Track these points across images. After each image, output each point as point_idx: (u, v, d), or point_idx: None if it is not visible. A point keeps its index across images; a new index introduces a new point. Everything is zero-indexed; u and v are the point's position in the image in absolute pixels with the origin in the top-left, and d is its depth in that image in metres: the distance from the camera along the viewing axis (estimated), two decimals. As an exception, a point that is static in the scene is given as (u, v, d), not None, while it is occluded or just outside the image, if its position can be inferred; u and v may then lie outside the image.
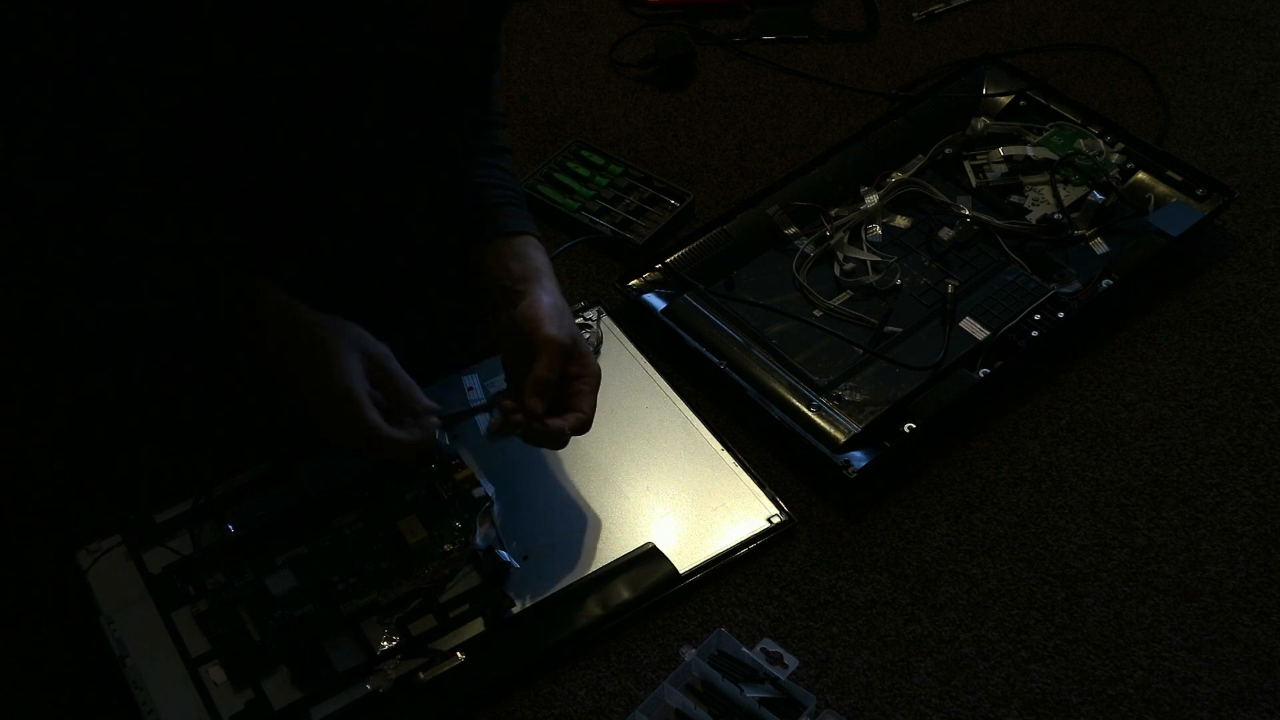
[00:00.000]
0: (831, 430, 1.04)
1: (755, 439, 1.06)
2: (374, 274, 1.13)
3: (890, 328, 1.12)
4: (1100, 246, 1.18)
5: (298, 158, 1.03)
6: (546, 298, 0.96)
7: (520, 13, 1.51)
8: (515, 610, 0.94)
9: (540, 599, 0.95)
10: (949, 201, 1.21)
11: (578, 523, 1.00)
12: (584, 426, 0.94)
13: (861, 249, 1.18)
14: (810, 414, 1.05)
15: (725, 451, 1.04)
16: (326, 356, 0.90)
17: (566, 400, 0.95)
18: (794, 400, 1.06)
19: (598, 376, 0.96)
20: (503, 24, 1.08)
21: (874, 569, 0.98)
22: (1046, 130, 1.27)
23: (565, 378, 0.95)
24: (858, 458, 1.01)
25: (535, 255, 1.01)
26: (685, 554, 0.98)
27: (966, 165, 1.25)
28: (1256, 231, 1.23)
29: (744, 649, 0.92)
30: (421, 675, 0.91)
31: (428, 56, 1.02)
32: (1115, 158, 1.24)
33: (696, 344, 1.11)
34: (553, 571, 0.97)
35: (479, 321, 1.10)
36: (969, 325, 1.11)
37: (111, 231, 0.95)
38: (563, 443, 0.96)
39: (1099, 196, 1.19)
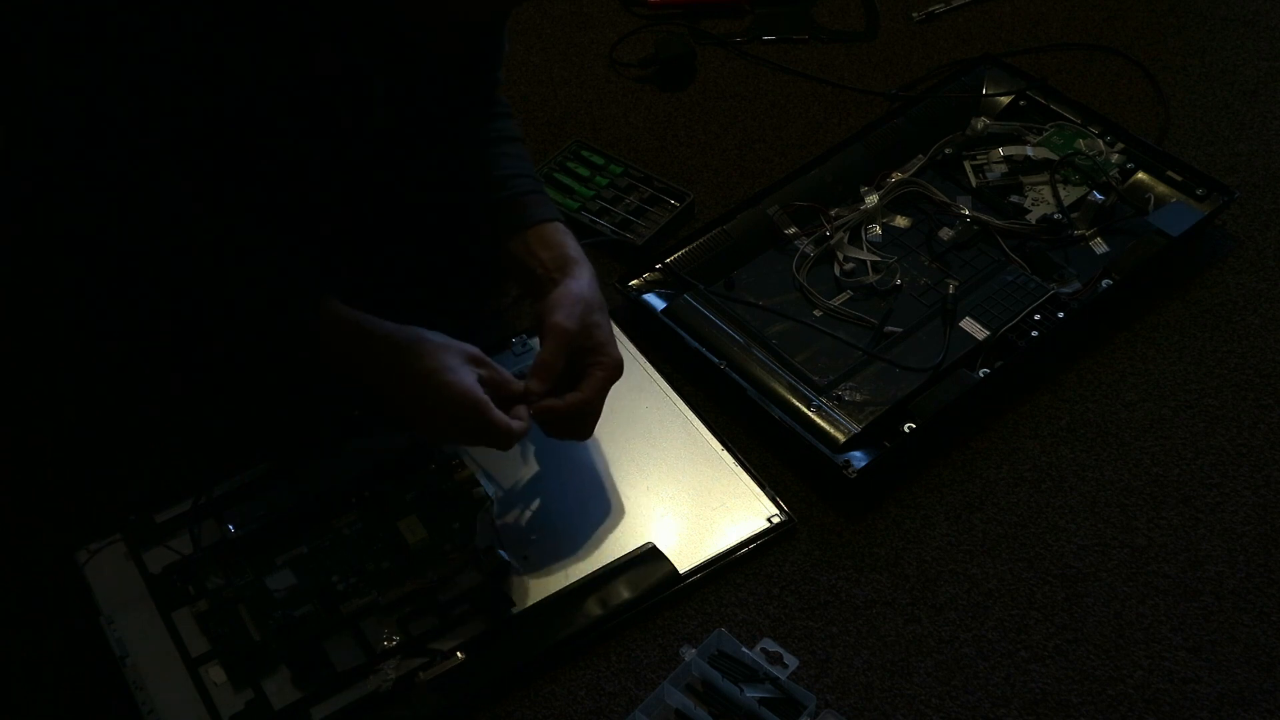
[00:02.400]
0: (831, 430, 1.04)
1: (755, 439, 1.06)
2: (392, 270, 1.13)
3: (890, 328, 1.11)
4: (1100, 246, 1.18)
5: (309, 161, 1.03)
6: (574, 286, 0.97)
7: (520, 13, 1.51)
8: (515, 610, 0.95)
9: (540, 599, 0.95)
10: (949, 201, 1.21)
11: (578, 523, 1.00)
12: (585, 408, 0.95)
13: (861, 249, 1.18)
14: (810, 414, 1.05)
15: (725, 451, 1.04)
16: (439, 366, 0.91)
17: (575, 385, 0.95)
18: (794, 400, 1.06)
19: (614, 366, 0.97)
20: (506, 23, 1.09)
21: (874, 569, 0.98)
22: (1046, 130, 1.27)
23: (581, 365, 0.95)
24: (858, 458, 1.01)
25: (566, 242, 1.02)
26: (685, 554, 0.98)
27: (966, 165, 1.25)
28: (1256, 231, 1.23)
29: (744, 649, 0.92)
30: (421, 675, 0.91)
31: (432, 61, 1.02)
32: (1115, 158, 1.24)
33: (696, 344, 1.11)
34: (553, 571, 0.97)
35: (493, 313, 1.13)
36: (969, 325, 1.11)
37: (177, 240, 0.95)
38: (575, 431, 0.97)
39: (1099, 196, 1.19)
